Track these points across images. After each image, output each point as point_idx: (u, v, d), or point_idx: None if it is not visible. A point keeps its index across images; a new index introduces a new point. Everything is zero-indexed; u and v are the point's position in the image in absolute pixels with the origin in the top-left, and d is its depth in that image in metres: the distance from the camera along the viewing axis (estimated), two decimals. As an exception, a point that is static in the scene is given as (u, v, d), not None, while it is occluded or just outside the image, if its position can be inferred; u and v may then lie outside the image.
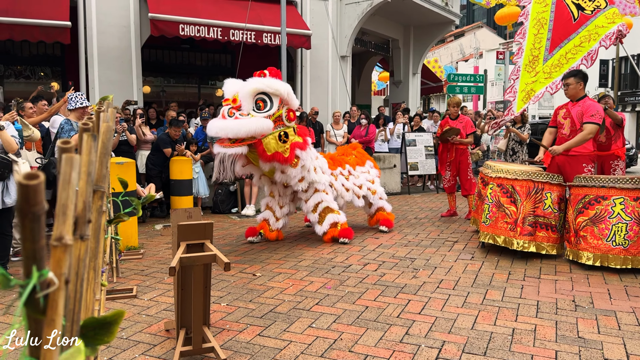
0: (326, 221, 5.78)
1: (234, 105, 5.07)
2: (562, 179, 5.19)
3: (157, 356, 3.02)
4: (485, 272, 4.70)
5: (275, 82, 5.22)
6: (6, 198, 4.43)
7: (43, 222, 0.55)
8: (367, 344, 3.16)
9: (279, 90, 5.17)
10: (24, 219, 0.52)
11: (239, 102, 5.06)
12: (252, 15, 9.88)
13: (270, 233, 5.93)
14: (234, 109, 5.06)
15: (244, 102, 5.07)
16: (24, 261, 0.56)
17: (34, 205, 0.52)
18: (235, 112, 5.04)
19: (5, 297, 4.14)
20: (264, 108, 5.14)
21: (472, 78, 15.11)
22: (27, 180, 0.51)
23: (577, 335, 3.27)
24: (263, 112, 5.11)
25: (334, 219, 5.80)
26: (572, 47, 5.75)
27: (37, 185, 0.51)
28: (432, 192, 10.75)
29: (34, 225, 0.53)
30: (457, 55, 43.10)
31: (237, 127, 4.90)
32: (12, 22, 8.16)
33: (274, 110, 5.17)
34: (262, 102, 5.15)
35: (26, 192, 0.51)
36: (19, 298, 0.56)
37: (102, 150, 1.00)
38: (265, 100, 5.16)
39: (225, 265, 2.65)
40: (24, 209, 0.52)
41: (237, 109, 5.06)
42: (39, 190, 0.52)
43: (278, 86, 5.19)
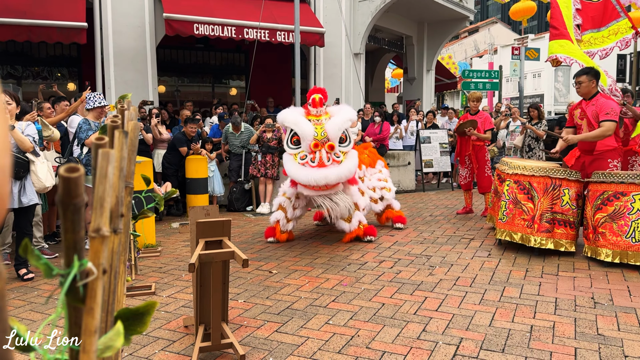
0: (354, 219, 5.72)
1: (331, 150, 5.17)
2: (580, 175, 5.13)
3: (177, 352, 3.06)
4: (503, 270, 4.67)
5: (351, 113, 5.39)
6: (23, 197, 4.50)
7: (83, 214, 0.57)
8: (384, 341, 3.16)
9: (355, 119, 5.44)
10: (66, 210, 0.54)
11: (335, 146, 5.20)
12: (266, 13, 9.92)
13: (281, 235, 5.88)
14: (331, 151, 5.17)
15: (336, 142, 5.21)
16: (64, 251, 0.58)
17: (75, 197, 0.53)
18: (330, 156, 5.15)
19: (40, 285, 4.22)
20: (346, 140, 5.32)
21: (487, 74, 14.97)
22: (69, 173, 0.52)
23: (597, 333, 3.24)
24: (347, 145, 5.30)
25: (360, 217, 5.78)
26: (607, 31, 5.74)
27: (78, 177, 0.53)
28: (447, 189, 10.69)
29: (75, 217, 0.55)
30: (472, 52, 42.75)
31: (348, 171, 5.13)
32: (30, 24, 8.29)
33: (352, 139, 5.39)
34: (343, 134, 5.32)
35: (67, 185, 0.53)
36: (59, 287, 0.58)
37: (131, 147, 1.02)
38: (345, 132, 5.34)
39: (244, 261, 2.68)
40: (65, 201, 0.53)
41: (333, 149, 5.18)
42: (80, 183, 0.54)
43: (355, 117, 5.43)
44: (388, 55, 17.56)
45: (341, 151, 5.24)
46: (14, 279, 4.62)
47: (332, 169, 5.06)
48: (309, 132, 5.15)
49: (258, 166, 7.94)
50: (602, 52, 5.63)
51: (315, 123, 5.25)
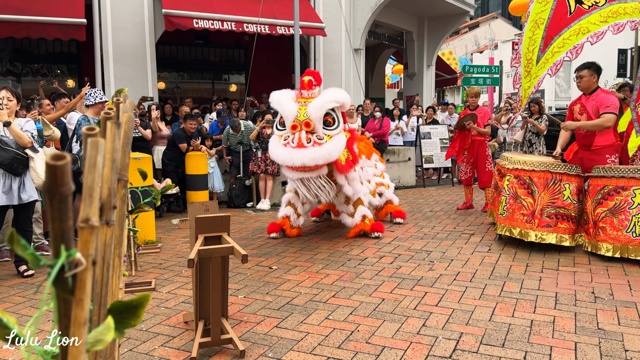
0: (357, 213, 5.67)
1: (309, 129, 4.95)
2: (580, 170, 5.12)
3: (177, 347, 3.06)
4: (503, 265, 4.67)
5: (337, 93, 5.14)
6: (23, 194, 4.50)
7: (70, 203, 0.56)
8: (384, 336, 3.16)
9: (345, 102, 5.13)
10: (52, 199, 0.53)
11: (312, 125, 4.94)
12: (265, 9, 9.88)
13: (292, 230, 5.85)
14: (310, 134, 4.95)
15: (317, 124, 4.97)
16: (52, 241, 0.57)
17: (61, 186, 0.52)
18: (311, 137, 4.93)
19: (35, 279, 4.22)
20: (332, 124, 5.08)
21: (488, 69, 14.93)
22: (54, 161, 0.51)
23: (597, 327, 3.23)
24: (334, 129, 5.06)
25: (364, 212, 5.72)
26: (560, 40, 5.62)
27: (64, 165, 0.52)
28: (447, 185, 10.68)
29: (61, 206, 0.54)
30: (472, 47, 42.64)
31: (328, 153, 4.86)
32: (29, 20, 8.26)
33: (342, 122, 5.15)
34: (330, 117, 5.08)
35: (54, 173, 0.52)
36: (47, 279, 0.57)
37: (125, 140, 1.01)
38: (332, 115, 5.10)
39: (243, 257, 2.67)
40: (52, 190, 0.52)
41: (312, 133, 4.96)
42: (66, 171, 0.53)
43: (342, 98, 5.13)
44: (388, 50, 17.51)
45: (326, 134, 5.00)
46: (14, 276, 4.62)
47: (310, 149, 4.85)
48: (290, 113, 5.01)
49: (258, 162, 7.93)
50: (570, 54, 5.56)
51: (302, 105, 5.08)
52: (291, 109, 5.01)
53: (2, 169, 4.36)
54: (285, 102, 5.09)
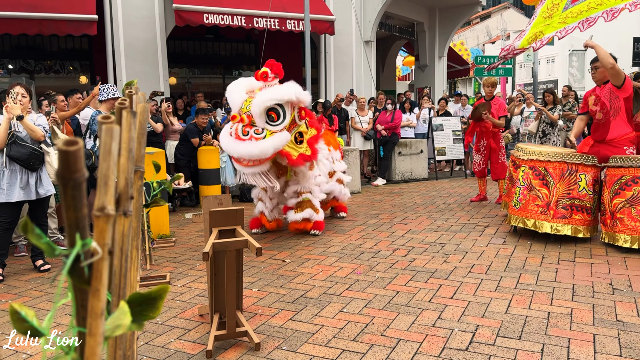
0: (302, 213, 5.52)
1: (245, 124, 4.84)
2: (597, 160, 5.04)
3: (192, 340, 3.07)
4: (518, 257, 4.62)
5: (282, 90, 4.95)
6: (40, 189, 4.54)
7: (84, 190, 0.54)
8: (399, 328, 3.14)
9: (290, 98, 4.93)
10: (66, 186, 0.52)
11: (247, 119, 4.85)
12: (275, 2, 9.84)
13: (270, 224, 5.79)
14: (248, 128, 4.83)
15: (258, 119, 4.86)
16: (67, 230, 0.56)
17: (75, 172, 0.51)
18: (249, 131, 4.81)
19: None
20: (277, 119, 4.92)
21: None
22: (67, 147, 0.50)
23: (616, 319, 3.19)
24: (278, 125, 4.90)
25: (309, 215, 5.54)
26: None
27: (77, 151, 0.51)
28: (460, 177, 10.60)
29: (75, 193, 0.52)
30: (484, 37, 42.19)
31: (260, 150, 4.74)
32: (41, 17, 8.31)
33: (288, 119, 4.98)
34: (274, 112, 4.92)
35: (67, 159, 0.50)
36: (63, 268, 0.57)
37: (140, 130, 1.00)
38: (277, 111, 4.93)
39: (257, 250, 2.67)
40: (65, 176, 0.51)
41: (250, 127, 4.85)
42: (79, 157, 0.51)
43: (287, 94, 4.92)
44: (399, 42, 17.36)
45: (267, 129, 4.85)
46: (31, 270, 4.67)
47: (245, 143, 4.76)
48: (235, 104, 4.98)
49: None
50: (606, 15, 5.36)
51: (250, 97, 4.98)
52: (236, 100, 4.99)
53: (19, 164, 4.40)
54: (234, 93, 5.05)
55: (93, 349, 0.56)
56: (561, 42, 31.50)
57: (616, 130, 5.03)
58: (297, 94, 5.01)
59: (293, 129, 5.09)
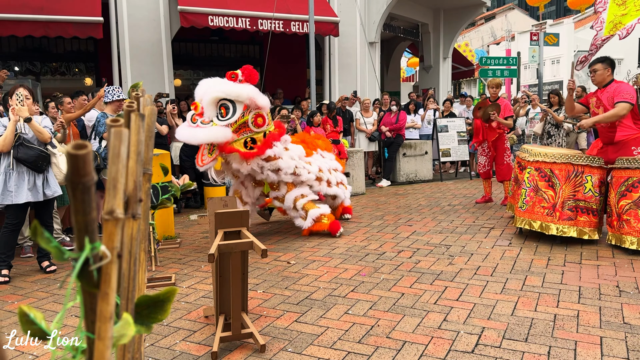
0: (309, 216, 5.55)
1: (197, 112, 4.96)
2: (603, 162, 5.01)
3: (198, 342, 3.07)
4: (524, 258, 4.60)
5: (235, 87, 4.98)
6: (47, 190, 4.56)
7: (93, 194, 0.54)
8: (404, 330, 3.13)
9: (240, 96, 4.94)
10: (75, 190, 0.52)
11: (200, 109, 4.95)
12: (280, 4, 9.85)
13: None
14: (197, 116, 4.96)
15: (206, 109, 4.94)
16: (76, 234, 0.56)
17: (84, 176, 0.51)
18: (197, 120, 4.94)
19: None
20: (226, 115, 4.97)
21: (505, 61, 14.72)
22: (76, 150, 0.50)
23: (623, 321, 3.17)
24: (225, 120, 4.95)
25: (317, 214, 5.57)
26: None
27: (86, 155, 0.51)
28: (465, 178, 10.57)
29: (84, 197, 0.52)
30: (488, 39, 42.12)
31: (193, 136, 4.88)
32: (47, 20, 8.35)
33: (236, 117, 4.96)
34: (224, 108, 4.97)
35: (76, 162, 0.50)
36: (72, 272, 0.57)
37: (148, 133, 1.00)
38: (227, 107, 4.97)
39: (263, 251, 2.67)
40: (74, 180, 0.51)
41: (201, 116, 4.95)
42: (88, 160, 0.51)
43: (239, 92, 4.95)
44: (404, 43, 17.34)
45: (213, 121, 4.92)
46: (37, 272, 4.69)
47: (185, 129, 4.97)
48: (196, 95, 5.12)
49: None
50: None
51: None
52: (200, 92, 5.10)
53: (27, 166, 4.42)
54: (204, 85, 5.15)
55: (102, 353, 0.56)
56: (566, 42, 31.35)
57: (623, 131, 5.02)
58: (251, 94, 5.01)
59: (244, 132, 5.03)
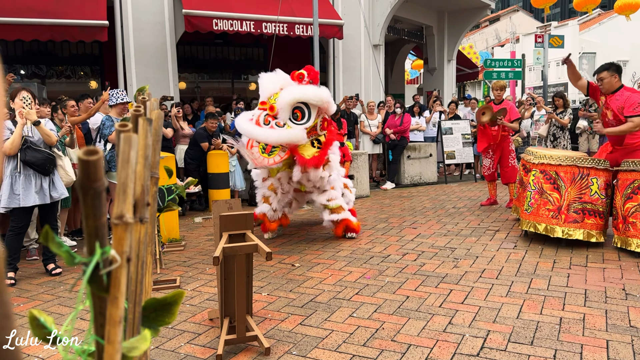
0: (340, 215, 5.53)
1: (272, 113, 4.84)
2: (608, 164, 4.99)
3: (203, 345, 3.08)
4: (529, 261, 4.58)
5: (316, 91, 4.94)
6: (53, 192, 4.58)
7: (104, 199, 0.55)
8: (409, 334, 3.13)
9: (322, 100, 4.91)
10: (86, 195, 0.52)
11: (276, 110, 4.83)
12: (284, 7, 9.88)
13: (270, 225, 5.70)
14: (270, 118, 4.83)
15: (282, 112, 4.83)
16: (86, 239, 0.57)
17: (95, 181, 0.51)
18: (271, 121, 4.82)
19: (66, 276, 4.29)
20: (301, 118, 4.89)
21: (510, 63, 14.69)
22: (88, 156, 0.51)
23: (629, 325, 3.15)
24: (300, 124, 4.88)
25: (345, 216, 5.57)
26: None
27: (97, 160, 0.51)
28: (470, 180, 10.55)
29: (95, 202, 0.53)
30: (493, 41, 42.06)
31: (269, 136, 4.73)
32: (53, 23, 8.41)
33: (311, 122, 4.94)
34: (299, 111, 4.90)
35: (87, 168, 0.51)
36: (83, 276, 0.57)
37: (155, 137, 1.01)
38: (303, 110, 4.91)
39: (267, 254, 2.67)
40: (85, 185, 0.51)
41: (273, 117, 4.84)
42: (99, 166, 0.52)
43: (320, 96, 4.91)
44: (408, 46, 17.35)
45: (287, 124, 4.84)
46: (42, 274, 4.71)
47: (263, 129, 4.77)
48: (265, 92, 5.00)
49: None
50: None
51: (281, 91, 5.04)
52: (268, 88, 5.00)
53: (34, 169, 4.44)
54: (268, 81, 5.06)
55: (111, 356, 0.57)
56: (571, 44, 31.29)
57: (633, 134, 4.98)
58: (327, 100, 5.00)
59: (311, 136, 5.04)
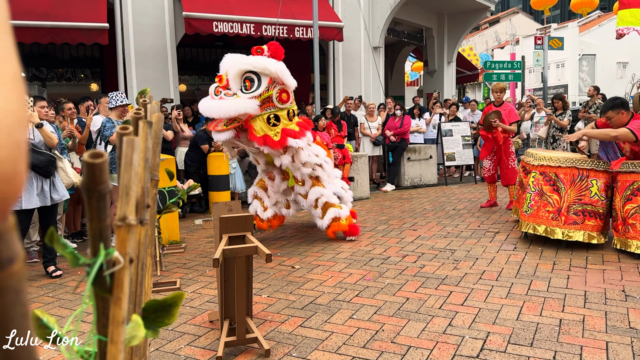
0: (327, 215, 5.47)
1: (221, 84, 4.92)
2: (608, 166, 5.00)
3: (203, 347, 3.08)
4: (529, 263, 4.59)
5: (263, 60, 4.95)
6: (54, 194, 4.59)
7: (108, 201, 0.56)
8: (409, 335, 3.13)
9: (268, 68, 4.90)
10: (90, 197, 0.53)
11: (225, 81, 4.91)
12: (284, 9, 9.90)
13: (262, 223, 5.64)
14: (221, 88, 4.91)
15: (231, 82, 4.91)
16: (90, 240, 0.58)
17: (99, 184, 0.52)
18: (221, 92, 4.89)
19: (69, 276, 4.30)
20: (250, 88, 4.91)
21: (509, 65, 14.71)
22: (93, 159, 0.51)
23: (629, 326, 3.15)
24: (249, 93, 4.90)
25: (335, 214, 5.49)
26: None
27: (102, 163, 0.52)
28: (470, 182, 10.56)
29: (99, 204, 0.54)
30: (493, 43, 42.12)
31: (219, 108, 4.78)
32: (53, 26, 8.42)
33: (261, 90, 4.91)
34: (249, 81, 4.92)
35: (92, 171, 0.52)
36: (86, 277, 0.58)
37: (155, 140, 1.02)
38: (252, 80, 4.92)
39: (267, 256, 2.68)
40: (90, 188, 0.52)
41: (225, 88, 4.90)
42: (104, 169, 0.53)
43: (266, 64, 4.91)
44: (408, 48, 17.37)
45: (238, 94, 4.88)
46: (43, 276, 4.71)
47: (211, 101, 4.86)
48: (222, 69, 5.06)
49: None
50: None
51: None
52: (227, 65, 5.04)
53: (36, 171, 4.45)
54: (229, 59, 5.11)
55: (115, 356, 0.58)
56: (571, 46, 31.33)
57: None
58: (277, 69, 4.95)
59: (267, 108, 4.98)
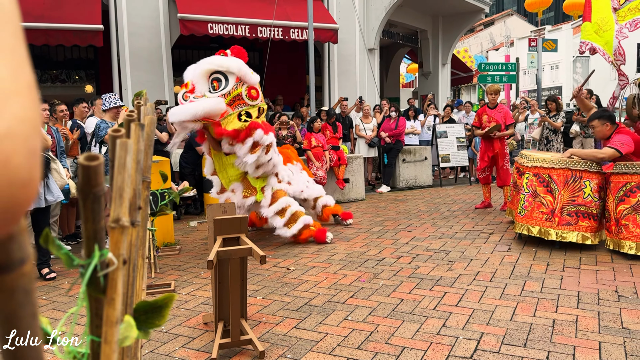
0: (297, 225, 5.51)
1: (188, 89, 4.98)
2: (601, 167, 5.04)
3: (197, 349, 3.08)
4: (523, 264, 4.61)
5: (224, 59, 5.06)
6: (48, 196, 4.56)
7: (103, 203, 0.57)
8: (403, 336, 3.14)
9: (230, 67, 5.00)
10: (86, 199, 0.54)
11: (190, 85, 4.97)
12: (279, 11, 9.92)
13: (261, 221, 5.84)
14: (189, 93, 4.96)
15: (197, 85, 4.97)
16: (84, 242, 0.58)
17: (95, 186, 0.53)
18: (190, 96, 4.94)
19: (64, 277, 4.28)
20: (218, 88, 5.00)
21: (504, 67, 14.78)
22: (88, 162, 0.52)
23: (621, 326, 3.18)
24: (217, 92, 4.98)
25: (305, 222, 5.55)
26: None
27: (98, 166, 0.53)
28: (464, 184, 10.59)
29: (94, 206, 0.54)
30: (487, 44, 42.28)
31: (187, 110, 4.81)
32: (48, 27, 8.40)
33: (228, 88, 5.00)
34: (217, 81, 5.02)
35: (87, 173, 0.52)
36: (80, 279, 0.58)
37: (147, 142, 1.02)
38: (220, 80, 5.02)
39: (261, 258, 2.68)
40: (85, 190, 0.53)
41: (192, 92, 4.95)
42: (100, 171, 0.53)
43: (229, 63, 5.02)
44: (403, 50, 17.43)
45: (205, 95, 4.95)
46: (36, 279, 4.69)
47: (179, 107, 4.93)
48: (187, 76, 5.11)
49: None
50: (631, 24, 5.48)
51: None
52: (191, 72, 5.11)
53: None
54: (193, 66, 5.17)
55: (108, 356, 0.58)
56: (565, 48, 31.50)
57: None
58: (240, 67, 5.06)
59: (238, 105, 5.06)
